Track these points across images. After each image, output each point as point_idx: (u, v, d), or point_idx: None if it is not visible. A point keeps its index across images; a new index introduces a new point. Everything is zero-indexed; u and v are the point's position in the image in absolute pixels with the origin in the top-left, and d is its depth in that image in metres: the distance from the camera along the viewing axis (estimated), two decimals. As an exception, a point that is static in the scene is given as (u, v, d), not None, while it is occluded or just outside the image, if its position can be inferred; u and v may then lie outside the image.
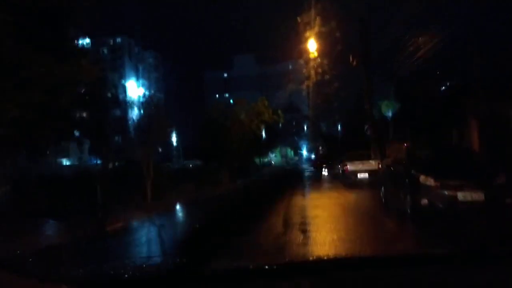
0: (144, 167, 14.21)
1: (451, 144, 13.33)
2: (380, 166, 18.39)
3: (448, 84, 20.79)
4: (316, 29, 23.09)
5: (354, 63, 24.14)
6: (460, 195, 7.11)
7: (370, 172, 17.69)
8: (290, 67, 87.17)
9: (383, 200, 10.02)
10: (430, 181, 7.44)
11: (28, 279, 1.52)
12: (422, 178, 7.55)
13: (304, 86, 41.18)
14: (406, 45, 20.69)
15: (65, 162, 53.72)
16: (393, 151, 10.23)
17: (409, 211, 7.68)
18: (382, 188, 10.14)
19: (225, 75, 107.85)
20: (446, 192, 7.23)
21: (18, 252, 5.73)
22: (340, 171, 21.18)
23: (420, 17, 19.01)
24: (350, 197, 13.73)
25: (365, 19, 22.75)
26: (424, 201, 7.34)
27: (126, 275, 1.69)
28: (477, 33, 17.62)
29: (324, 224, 8.17)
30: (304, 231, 7.19)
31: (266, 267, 1.72)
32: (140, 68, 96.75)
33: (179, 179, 23.61)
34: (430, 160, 8.30)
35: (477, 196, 7.06)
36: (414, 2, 17.89)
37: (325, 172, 32.01)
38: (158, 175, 19.51)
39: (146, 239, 8.55)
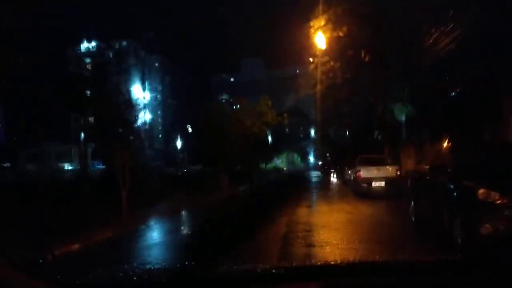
0: (119, 173, 11.86)
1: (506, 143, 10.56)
2: (398, 172, 16.05)
3: (473, 81, 18.48)
4: (325, 32, 21.90)
5: (367, 59, 22.09)
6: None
7: (388, 180, 15.21)
8: (298, 71, 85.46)
9: (414, 220, 7.57)
10: (494, 197, 5.01)
11: None
12: (481, 192, 5.11)
13: (312, 91, 39.42)
14: (422, 42, 18.93)
15: (67, 166, 52.39)
16: (428, 155, 7.67)
17: (460, 241, 5.22)
18: (412, 203, 7.69)
19: (232, 79, 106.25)
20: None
21: None
22: (351, 178, 18.66)
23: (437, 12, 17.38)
24: (365, 212, 11.24)
25: (379, 15, 20.87)
26: (486, 227, 4.90)
27: (134, 279, 1.65)
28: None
29: (336, 257, 5.71)
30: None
31: (274, 271, 1.70)
32: (146, 71, 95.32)
33: (173, 185, 21.57)
34: (485, 165, 5.78)
35: None
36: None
37: (333, 179, 29.54)
38: (144, 182, 17.35)
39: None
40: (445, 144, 6.84)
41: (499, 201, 4.98)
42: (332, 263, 1.99)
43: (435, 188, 6.41)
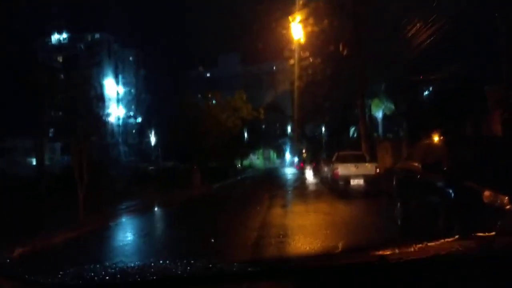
0: (75, 169, 10.69)
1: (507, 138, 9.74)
2: (378, 170, 15.33)
3: (454, 74, 18.05)
4: (303, 26, 21.34)
5: (345, 52, 21.51)
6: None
7: (366, 178, 14.44)
8: (275, 67, 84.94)
9: (400, 222, 6.74)
10: (502, 202, 4.19)
11: None
12: (487, 195, 4.29)
13: (289, 87, 38.80)
14: (401, 35, 18.50)
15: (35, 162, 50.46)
16: (419, 151, 6.80)
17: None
18: (398, 204, 6.86)
19: (208, 74, 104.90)
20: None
21: None
22: (329, 176, 17.88)
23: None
24: (344, 212, 10.41)
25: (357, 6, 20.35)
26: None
27: (106, 278, 1.59)
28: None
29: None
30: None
31: (249, 269, 1.67)
32: (120, 65, 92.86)
33: (143, 182, 20.48)
34: (487, 164, 4.94)
35: None
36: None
37: (310, 176, 28.82)
38: (111, 179, 16.26)
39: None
40: (437, 140, 6.01)
41: (508, 206, 4.16)
42: (308, 259, 1.91)
43: (428, 188, 5.57)
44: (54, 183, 14.49)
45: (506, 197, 4.20)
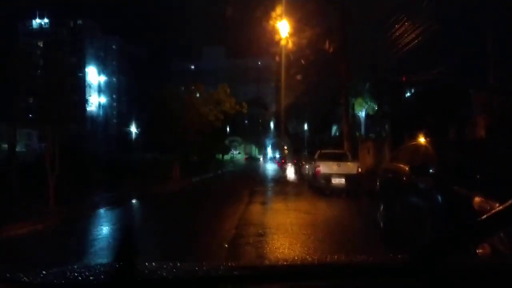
0: (46, 158, 10.20)
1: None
2: (359, 169, 15.19)
3: (438, 77, 18.06)
4: (289, 25, 21.31)
5: (331, 50, 21.41)
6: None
7: (348, 177, 14.26)
8: (260, 63, 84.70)
9: (382, 225, 6.53)
10: (493, 208, 3.99)
11: None
12: (477, 201, 4.07)
13: (273, 83, 38.63)
14: (385, 36, 18.52)
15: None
16: (405, 152, 6.57)
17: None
18: (381, 207, 6.64)
19: (193, 67, 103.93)
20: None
21: None
22: (310, 173, 17.68)
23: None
24: (325, 212, 10.18)
25: (344, 6, 20.30)
26: (484, 247, 3.86)
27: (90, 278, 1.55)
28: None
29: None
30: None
31: (236, 272, 1.64)
32: (102, 53, 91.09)
33: (121, 174, 19.95)
34: (477, 168, 4.74)
35: None
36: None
37: (290, 173, 28.64)
38: (84, 170, 15.72)
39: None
40: (425, 142, 5.79)
41: (499, 214, 3.94)
42: (294, 264, 1.92)
43: (415, 191, 5.35)
44: (26, 172, 13.91)
45: (497, 204, 3.98)
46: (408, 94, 26.26)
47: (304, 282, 1.58)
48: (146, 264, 1.70)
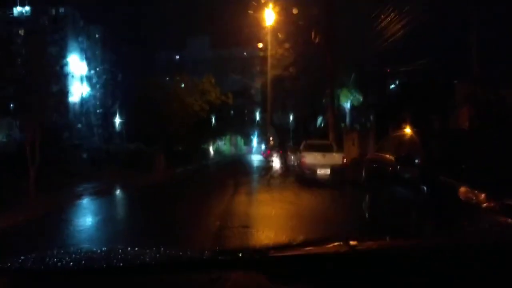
0: (27, 147, 9.96)
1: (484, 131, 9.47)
2: (345, 160, 15.23)
3: (421, 68, 18.16)
4: (275, 15, 21.18)
5: (317, 40, 21.34)
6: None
7: (333, 168, 14.29)
8: (245, 53, 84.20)
9: (368, 216, 6.52)
10: (479, 198, 3.97)
11: None
12: (463, 191, 4.06)
13: (259, 73, 38.45)
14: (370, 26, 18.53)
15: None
16: (391, 143, 6.55)
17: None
18: (367, 197, 6.63)
19: (178, 57, 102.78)
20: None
21: None
22: (295, 164, 17.68)
23: None
24: (310, 202, 10.18)
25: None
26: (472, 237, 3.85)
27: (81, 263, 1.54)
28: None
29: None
30: None
31: (220, 257, 1.63)
32: (85, 42, 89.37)
33: (104, 164, 19.71)
34: (462, 158, 4.73)
35: None
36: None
37: (276, 164, 28.62)
38: (66, 160, 15.50)
39: None
40: (411, 132, 5.76)
41: (485, 204, 3.94)
42: (278, 249, 1.83)
43: (400, 181, 5.33)
44: (6, 162, 13.60)
45: (483, 194, 3.98)
46: (393, 85, 26.41)
47: (289, 266, 1.56)
48: (129, 249, 1.67)
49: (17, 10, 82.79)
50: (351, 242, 1.71)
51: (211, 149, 49.12)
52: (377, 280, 1.47)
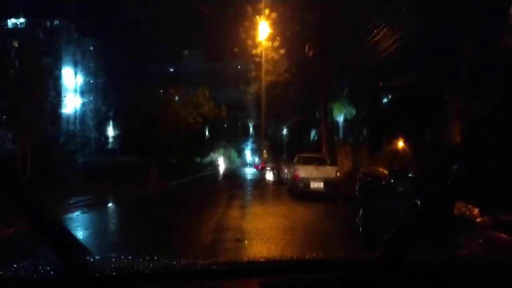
0: (18, 159, 9.85)
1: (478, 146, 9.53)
2: (338, 173, 15.21)
3: (414, 81, 18.31)
4: (269, 28, 21.41)
5: (310, 53, 21.49)
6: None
7: (326, 181, 14.26)
8: (239, 66, 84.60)
9: (362, 230, 6.48)
10: (472, 213, 3.96)
11: None
12: (457, 206, 4.05)
13: (253, 87, 38.63)
14: (363, 40, 18.70)
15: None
16: (385, 156, 6.54)
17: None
18: (361, 211, 6.60)
19: (172, 69, 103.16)
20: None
21: None
22: (288, 177, 17.63)
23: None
24: (304, 216, 10.13)
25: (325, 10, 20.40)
26: (463, 253, 3.83)
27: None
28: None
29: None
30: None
31: (214, 267, 1.59)
32: (79, 54, 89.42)
33: (96, 177, 19.50)
34: (457, 172, 4.73)
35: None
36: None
37: (269, 177, 28.56)
38: (57, 172, 15.32)
39: None
40: (404, 146, 5.76)
41: (478, 219, 3.93)
42: (272, 259, 1.84)
43: (394, 195, 5.31)
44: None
45: (477, 209, 3.96)
46: (385, 100, 26.57)
47: (281, 276, 1.56)
48: (122, 257, 1.63)
49: (11, 21, 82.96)
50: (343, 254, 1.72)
51: (204, 162, 48.96)
52: None
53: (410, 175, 4.95)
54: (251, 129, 77.67)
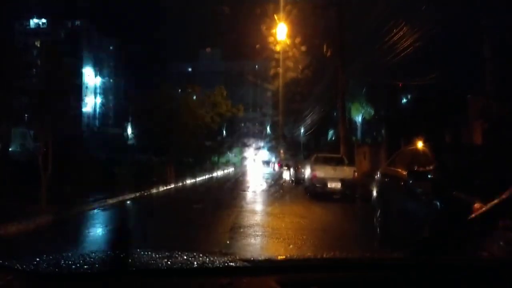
0: (39, 155, 10.06)
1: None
2: (356, 174, 15.10)
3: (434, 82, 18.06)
4: (287, 28, 21.36)
5: (328, 53, 21.38)
6: None
7: (344, 182, 14.18)
8: (257, 66, 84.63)
9: (379, 230, 6.44)
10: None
11: None
12: (477, 208, 3.99)
13: (270, 86, 38.56)
14: (382, 41, 18.50)
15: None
16: (404, 157, 6.49)
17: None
18: (379, 211, 6.56)
19: (190, 69, 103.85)
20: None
21: None
22: (305, 177, 17.60)
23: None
24: (321, 217, 10.10)
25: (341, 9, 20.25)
26: (483, 255, 3.78)
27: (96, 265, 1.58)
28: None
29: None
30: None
31: (232, 264, 1.64)
32: (99, 54, 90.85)
33: (116, 175, 19.74)
34: (477, 174, 4.66)
35: None
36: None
37: (286, 177, 28.54)
38: (77, 171, 15.54)
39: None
40: (424, 146, 5.70)
41: (500, 222, 3.86)
42: (293, 257, 2.05)
43: (413, 196, 5.26)
44: (19, 171, 13.74)
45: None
46: (404, 100, 26.28)
47: (299, 274, 1.57)
48: (142, 253, 1.69)
49: (34, 22, 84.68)
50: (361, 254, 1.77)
51: (221, 161, 49.20)
52: None
53: (429, 176, 4.90)
54: (268, 128, 77.72)
